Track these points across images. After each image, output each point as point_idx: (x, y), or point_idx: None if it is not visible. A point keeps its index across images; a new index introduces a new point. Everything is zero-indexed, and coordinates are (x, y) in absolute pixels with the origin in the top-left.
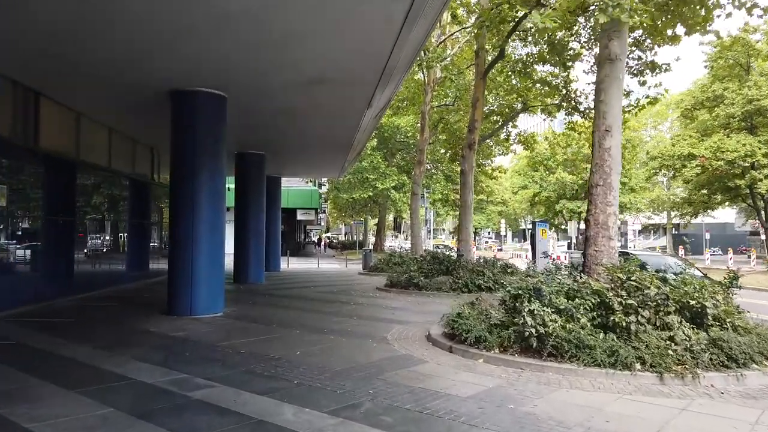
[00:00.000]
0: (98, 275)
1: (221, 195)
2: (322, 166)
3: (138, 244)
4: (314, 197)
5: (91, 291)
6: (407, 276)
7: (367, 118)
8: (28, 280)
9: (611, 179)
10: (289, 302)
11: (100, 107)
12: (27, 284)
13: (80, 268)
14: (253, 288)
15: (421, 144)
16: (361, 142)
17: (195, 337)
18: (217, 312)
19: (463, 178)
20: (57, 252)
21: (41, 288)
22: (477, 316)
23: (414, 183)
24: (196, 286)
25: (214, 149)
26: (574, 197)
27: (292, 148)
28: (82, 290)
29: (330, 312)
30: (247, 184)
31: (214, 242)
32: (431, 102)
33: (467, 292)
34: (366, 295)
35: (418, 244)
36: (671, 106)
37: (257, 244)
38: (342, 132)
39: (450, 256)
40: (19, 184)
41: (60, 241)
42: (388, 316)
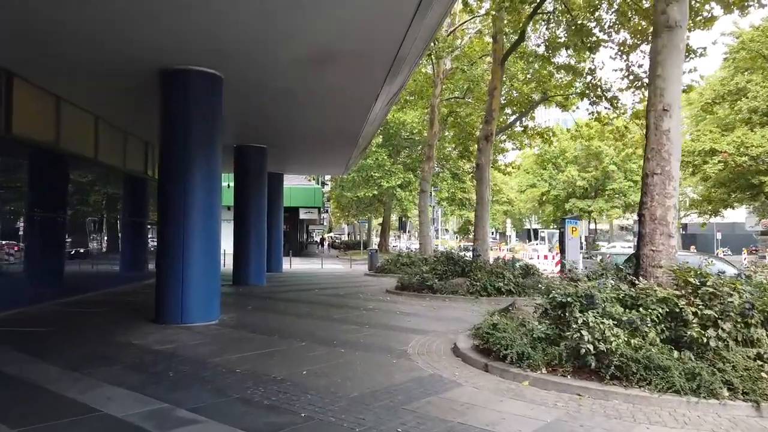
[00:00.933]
0: (89, 277)
1: (216, 189)
2: (327, 163)
3: (134, 243)
4: (317, 196)
5: (79, 294)
6: (419, 278)
7: (377, 107)
8: (7, 283)
9: (670, 167)
10: (292, 307)
11: (82, 90)
12: (5, 288)
13: (69, 270)
14: (253, 291)
15: (431, 139)
16: (368, 136)
17: (183, 352)
18: (212, 319)
19: (479, 172)
20: (41, 252)
21: (22, 292)
22: (516, 328)
23: (422, 180)
24: (188, 291)
25: (209, 137)
26: (584, 196)
27: (296, 141)
28: (69, 293)
29: (338, 319)
30: (247, 180)
31: (208, 242)
32: (441, 95)
33: (486, 295)
34: (375, 298)
35: (426, 243)
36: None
37: (258, 244)
38: (349, 124)
39: (465, 257)
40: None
41: (44, 240)
42: (404, 324)
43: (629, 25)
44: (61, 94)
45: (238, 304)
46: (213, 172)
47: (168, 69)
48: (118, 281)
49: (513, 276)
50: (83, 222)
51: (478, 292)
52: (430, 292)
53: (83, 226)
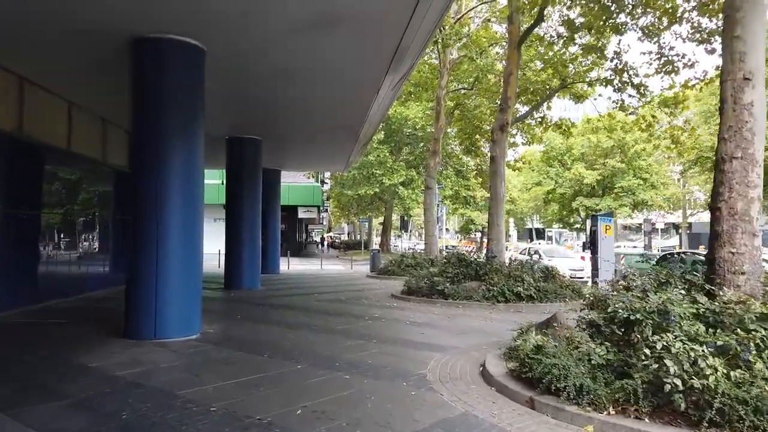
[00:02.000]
0: (62, 281)
1: (198, 182)
2: (327, 159)
3: (115, 243)
4: (316, 194)
5: (49, 301)
6: (429, 282)
7: (381, 93)
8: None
9: (753, 149)
10: (287, 316)
11: (47, 67)
12: None
13: (39, 273)
14: (245, 296)
15: (437, 132)
16: (371, 128)
17: (149, 379)
18: (192, 333)
19: (493, 165)
20: (5, 253)
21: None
22: (566, 351)
23: (427, 176)
24: (163, 302)
25: (189, 120)
26: (591, 194)
27: (293, 133)
28: (36, 300)
29: (340, 331)
30: (240, 176)
31: (188, 244)
32: (447, 86)
33: (503, 301)
34: (381, 304)
35: (432, 243)
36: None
37: (252, 245)
38: (351, 112)
39: (479, 258)
40: None
41: (6, 240)
42: (417, 337)
43: (656, 4)
44: (24, 73)
45: (226, 313)
46: (194, 162)
47: (140, 38)
48: (97, 285)
49: (533, 279)
50: (57, 220)
51: (495, 298)
52: (441, 298)
53: (57, 225)
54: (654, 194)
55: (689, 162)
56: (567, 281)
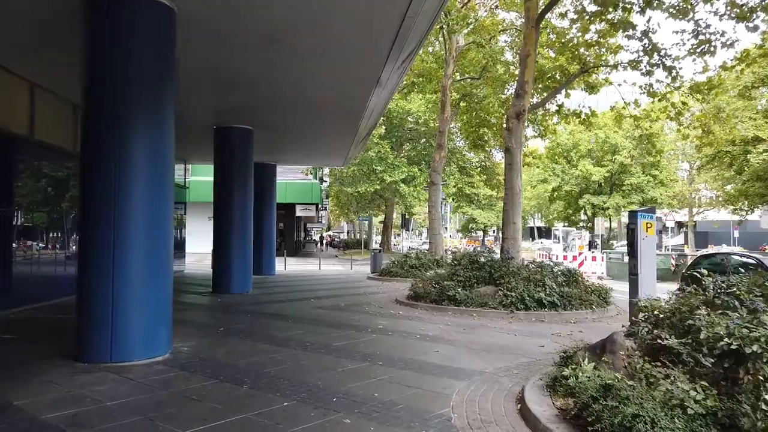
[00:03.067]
0: (27, 286)
1: (166, 172)
2: (325, 152)
3: None
4: (315, 191)
5: (10, 309)
6: (438, 286)
7: (384, 75)
8: None
9: None
10: (279, 328)
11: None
12: None
13: (3, 278)
14: (234, 301)
15: (442, 124)
16: (374, 116)
17: (82, 429)
18: (159, 354)
19: (508, 157)
20: None
21: None
22: (645, 392)
23: (432, 171)
24: (121, 317)
25: (155, 93)
26: (598, 192)
27: (288, 120)
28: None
29: (339, 349)
30: (230, 169)
31: (154, 246)
32: (453, 75)
33: (523, 308)
34: (385, 312)
35: (437, 243)
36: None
37: (243, 245)
38: (351, 97)
39: (494, 260)
40: None
41: None
42: (431, 357)
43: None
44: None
45: (208, 324)
46: (162, 147)
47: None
48: (68, 290)
49: (556, 284)
50: (25, 219)
51: (514, 305)
52: (453, 304)
53: (23, 224)
54: (664, 191)
55: (707, 157)
56: (592, 285)
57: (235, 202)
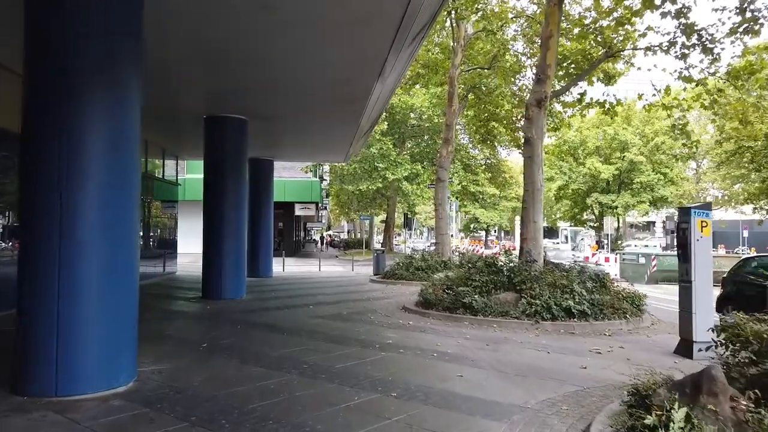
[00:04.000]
0: None
1: (131, 158)
2: (325, 147)
3: None
4: (315, 189)
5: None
6: (452, 293)
7: (387, 67)
8: None
9: None
10: (271, 344)
11: None
12: None
13: None
14: (225, 309)
15: (449, 117)
16: (377, 106)
17: None
18: (119, 384)
19: (528, 149)
20: None
21: None
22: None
23: (439, 167)
24: (69, 338)
25: (116, 63)
26: (606, 190)
27: (285, 108)
28: None
29: (343, 372)
30: (221, 163)
31: (114, 251)
32: (461, 65)
33: (549, 318)
34: (393, 322)
35: (444, 243)
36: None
37: (236, 247)
38: (352, 82)
39: (513, 262)
40: None
41: None
42: (457, 386)
43: None
44: None
45: (189, 339)
46: (124, 127)
47: None
48: None
49: (585, 290)
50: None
51: (539, 315)
52: (469, 313)
53: None
54: (674, 190)
55: (726, 153)
56: (623, 291)
57: (227, 199)
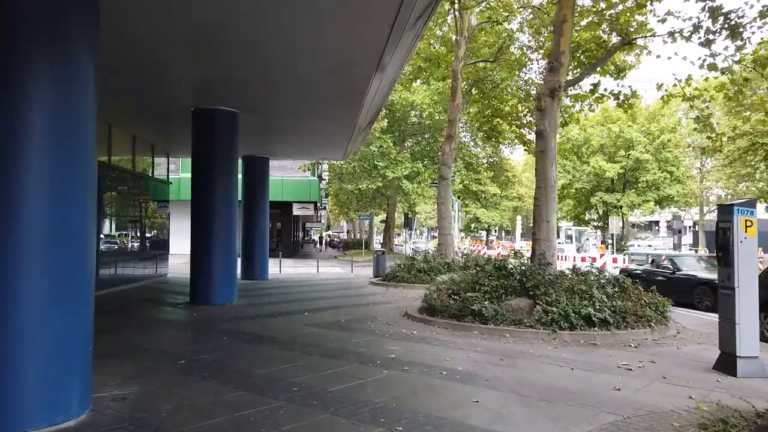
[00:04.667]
0: None
1: (85, 155)
2: (323, 143)
3: None
4: (313, 189)
5: None
6: (459, 298)
7: (393, 39)
8: None
9: None
10: (259, 359)
11: None
12: None
13: None
14: (213, 316)
15: (452, 112)
16: (377, 100)
17: None
18: (68, 416)
19: (540, 142)
20: None
21: None
22: None
23: (442, 164)
24: (6, 365)
25: (63, 39)
26: (611, 189)
27: (279, 100)
28: None
29: (340, 398)
30: (210, 159)
31: (58, 259)
32: (464, 57)
33: (567, 328)
34: (395, 331)
35: (448, 244)
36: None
37: (226, 248)
38: (354, 66)
39: (525, 265)
40: None
41: None
42: (473, 416)
43: None
44: None
45: (165, 354)
46: (74, 108)
47: None
48: None
49: (606, 296)
50: None
51: (556, 323)
52: (479, 321)
53: None
54: (680, 188)
55: (739, 150)
56: (645, 296)
57: (216, 197)
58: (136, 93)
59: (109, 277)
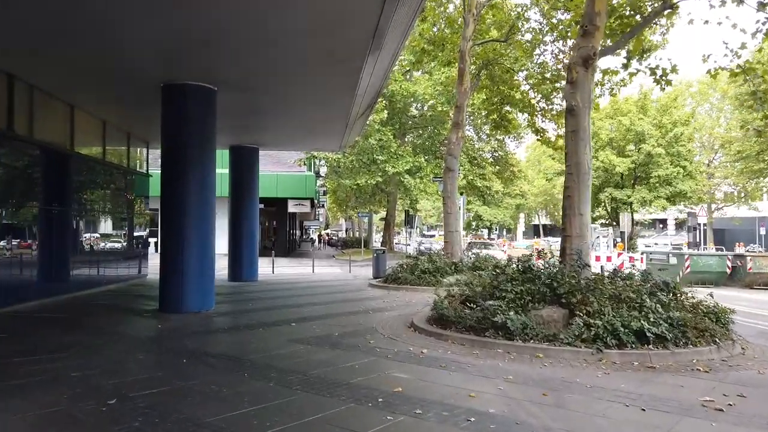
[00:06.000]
0: None
1: None
2: (317, 131)
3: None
4: (309, 184)
5: None
6: (477, 307)
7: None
8: None
9: None
10: (219, 396)
11: None
12: None
13: None
14: (181, 327)
15: (460, 98)
16: (373, 83)
17: None
18: None
19: (572, 121)
20: None
21: None
22: None
23: (448, 155)
24: None
25: None
26: (620, 185)
27: (261, 71)
28: None
29: None
30: (183, 141)
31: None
32: (473, 38)
33: (615, 345)
34: (401, 350)
35: (454, 242)
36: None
37: (202, 246)
38: (343, 44)
39: (556, 267)
40: None
41: None
42: None
43: None
44: None
45: (94, 388)
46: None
47: None
48: None
49: (661, 305)
50: None
51: (601, 339)
52: (503, 336)
53: None
54: (693, 184)
55: (760, 144)
56: (700, 304)
57: (190, 188)
58: (94, 64)
59: (75, 279)
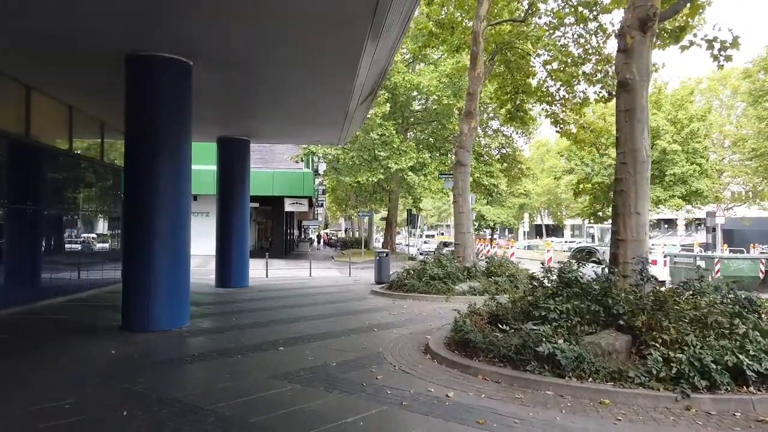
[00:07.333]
0: None
1: None
2: (313, 120)
3: None
4: (307, 182)
5: None
6: (511, 330)
7: None
8: None
9: None
10: None
11: None
12: None
13: None
14: (141, 353)
15: (473, 84)
16: (375, 66)
17: None
18: None
19: (626, 97)
20: None
21: None
22: None
23: (459, 147)
24: None
25: None
26: None
27: (243, 39)
28: None
29: None
30: (150, 124)
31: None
32: (487, 17)
33: (707, 388)
34: (417, 392)
35: (467, 244)
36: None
37: (174, 252)
38: None
39: (608, 279)
40: None
41: None
42: None
43: None
44: None
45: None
46: None
47: None
48: None
49: (760, 332)
50: None
51: (686, 380)
52: (550, 372)
53: None
54: (710, 182)
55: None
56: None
57: (159, 181)
58: (46, 31)
59: (37, 287)
